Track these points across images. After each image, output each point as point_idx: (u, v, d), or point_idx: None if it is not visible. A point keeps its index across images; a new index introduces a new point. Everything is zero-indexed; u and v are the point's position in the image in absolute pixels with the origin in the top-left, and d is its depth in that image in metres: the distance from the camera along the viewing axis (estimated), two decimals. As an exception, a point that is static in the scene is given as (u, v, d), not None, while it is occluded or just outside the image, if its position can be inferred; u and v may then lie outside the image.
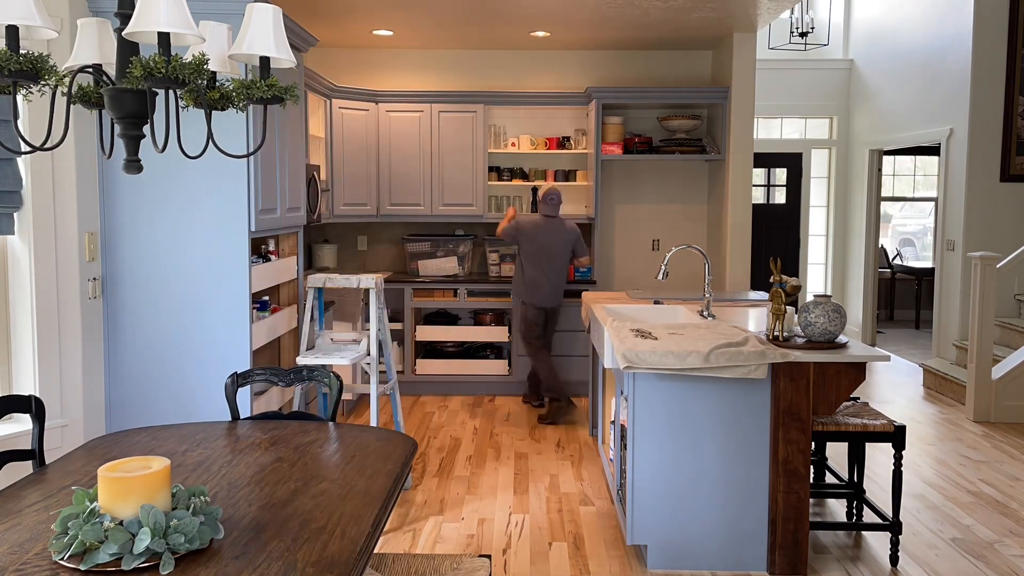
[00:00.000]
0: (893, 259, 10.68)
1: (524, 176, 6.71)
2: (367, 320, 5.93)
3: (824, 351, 3.33)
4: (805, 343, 3.39)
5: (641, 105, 6.60)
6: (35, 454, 2.49)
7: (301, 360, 4.10)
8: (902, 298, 10.50)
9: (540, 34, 6.17)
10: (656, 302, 4.67)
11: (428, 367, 6.42)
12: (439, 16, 5.64)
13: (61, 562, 1.67)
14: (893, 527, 3.50)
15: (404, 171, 6.55)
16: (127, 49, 1.90)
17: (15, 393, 3.40)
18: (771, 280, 3.51)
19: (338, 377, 2.93)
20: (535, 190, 6.51)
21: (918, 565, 3.53)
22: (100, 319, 3.71)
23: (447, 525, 3.92)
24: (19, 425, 3.36)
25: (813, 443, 4.14)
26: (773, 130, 9.19)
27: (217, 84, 2.06)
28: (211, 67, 2.02)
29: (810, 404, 3.35)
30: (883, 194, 9.03)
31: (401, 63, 6.82)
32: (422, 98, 6.49)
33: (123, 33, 1.82)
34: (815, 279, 9.34)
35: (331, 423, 2.77)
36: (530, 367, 6.11)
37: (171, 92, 1.95)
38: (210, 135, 2.03)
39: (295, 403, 4.33)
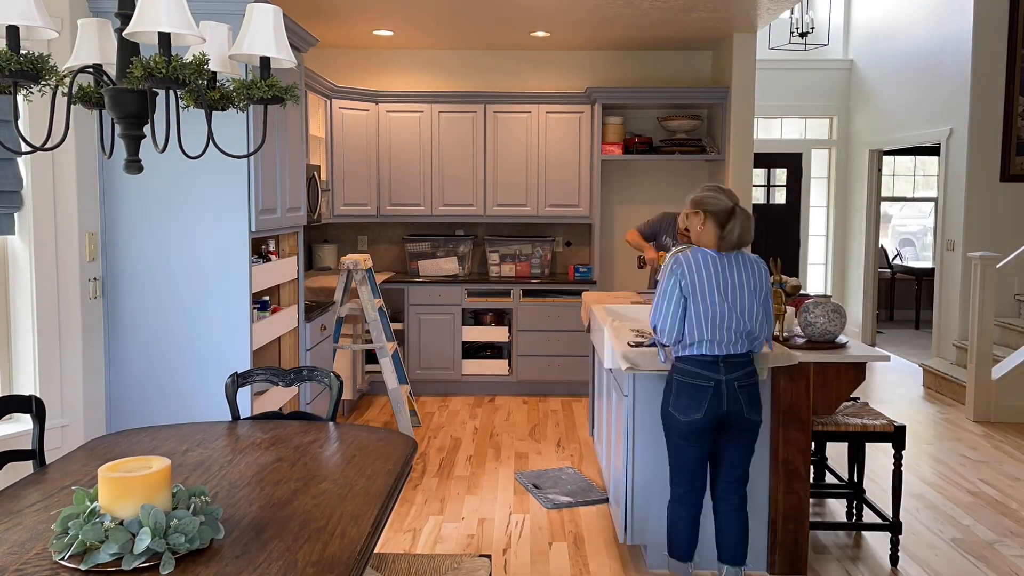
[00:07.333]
0: (893, 259, 10.68)
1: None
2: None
3: (824, 351, 3.33)
4: (805, 343, 3.39)
5: (641, 105, 6.60)
6: (35, 454, 2.50)
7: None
8: (902, 298, 10.50)
9: (540, 34, 6.16)
10: None
11: (428, 367, 6.41)
12: (439, 16, 5.64)
13: (61, 562, 1.68)
14: (893, 527, 3.50)
15: (404, 171, 6.55)
16: (127, 49, 1.90)
17: (15, 393, 3.40)
18: (771, 280, 3.51)
19: (338, 377, 2.93)
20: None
21: (918, 565, 3.54)
22: (100, 319, 3.71)
23: (447, 525, 3.92)
24: (19, 425, 3.36)
25: (813, 443, 4.14)
26: (773, 130, 9.19)
27: (217, 84, 2.06)
28: (211, 67, 2.02)
29: (810, 404, 3.35)
30: (883, 194, 9.03)
31: (401, 63, 6.82)
32: (422, 98, 6.49)
33: (123, 33, 1.82)
34: (815, 279, 9.34)
35: (331, 423, 2.77)
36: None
37: (171, 92, 1.95)
38: (210, 135, 2.03)
39: (301, 401, 4.33)
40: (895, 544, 3.51)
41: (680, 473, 3.05)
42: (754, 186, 8.64)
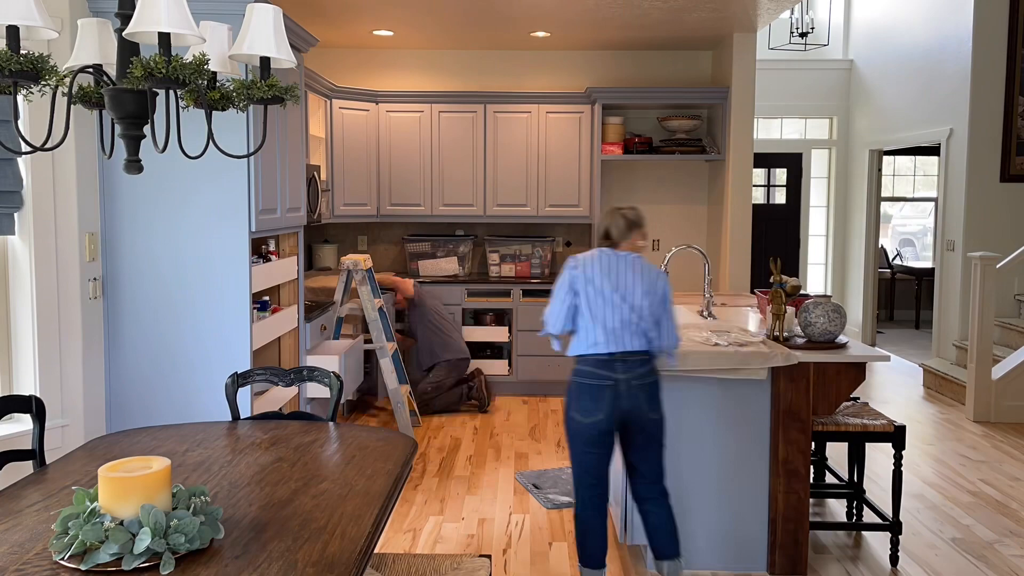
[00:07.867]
0: (893, 259, 10.69)
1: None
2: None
3: (824, 351, 3.33)
4: (805, 343, 3.39)
5: (641, 105, 6.60)
6: (35, 454, 2.50)
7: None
8: (902, 298, 10.50)
9: (540, 34, 6.16)
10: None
11: (428, 367, 6.41)
12: (439, 16, 5.64)
13: (61, 562, 1.67)
14: (893, 527, 3.50)
15: (404, 171, 6.55)
16: (127, 49, 1.90)
17: (15, 393, 3.40)
18: (771, 280, 3.51)
19: (338, 377, 2.93)
20: None
21: (918, 565, 3.54)
22: (100, 319, 3.71)
23: (447, 525, 3.92)
24: (19, 425, 3.36)
25: (813, 443, 4.14)
26: (773, 130, 9.19)
27: (217, 84, 2.06)
28: (211, 67, 2.02)
29: (810, 404, 3.35)
30: (883, 194, 9.03)
31: (401, 63, 6.82)
32: (422, 98, 6.49)
33: (123, 33, 1.82)
34: (815, 279, 9.34)
35: (331, 423, 2.77)
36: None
37: (171, 92, 1.95)
38: (210, 135, 2.03)
39: (301, 401, 4.33)
40: (895, 544, 3.51)
41: (586, 477, 3.04)
42: (754, 186, 8.64)
